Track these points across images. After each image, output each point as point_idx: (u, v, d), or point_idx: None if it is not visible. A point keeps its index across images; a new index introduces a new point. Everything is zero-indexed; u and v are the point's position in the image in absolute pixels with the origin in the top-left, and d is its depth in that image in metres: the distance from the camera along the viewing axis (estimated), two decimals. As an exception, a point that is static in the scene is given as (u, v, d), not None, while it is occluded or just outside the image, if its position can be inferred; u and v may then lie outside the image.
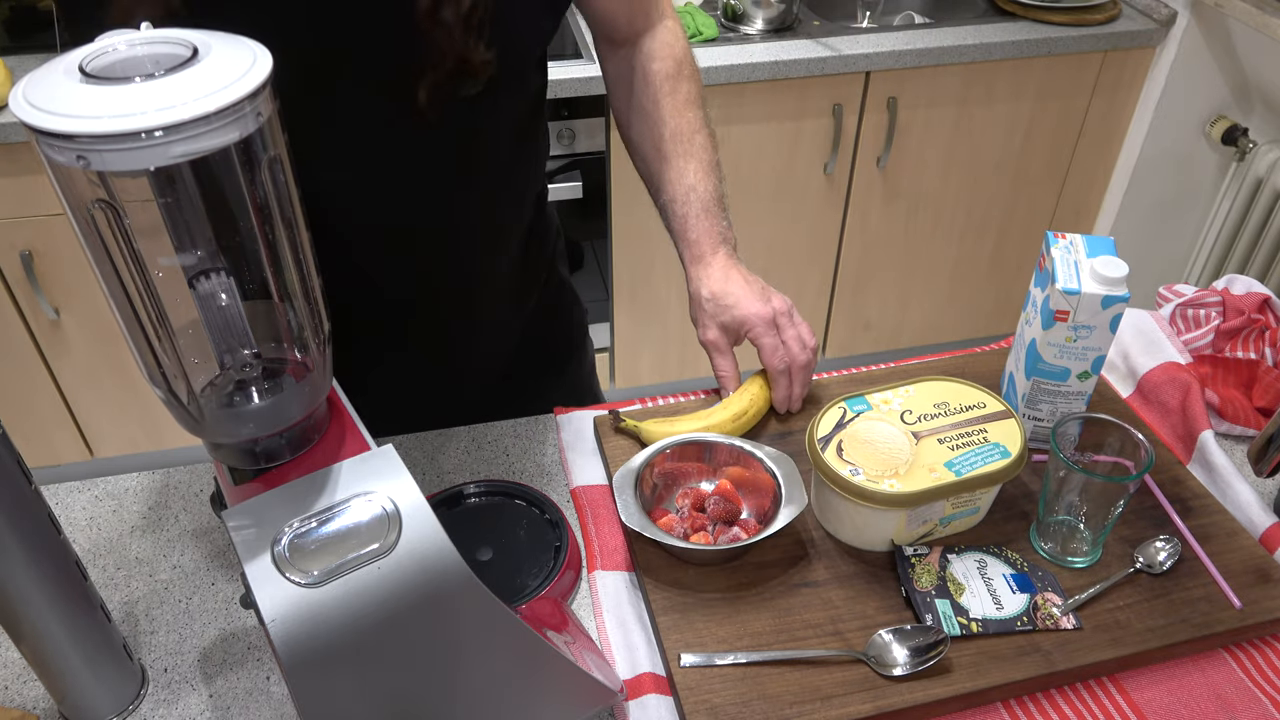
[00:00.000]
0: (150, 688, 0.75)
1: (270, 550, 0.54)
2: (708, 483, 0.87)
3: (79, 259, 1.90)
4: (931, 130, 2.17)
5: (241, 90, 0.46)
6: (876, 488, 0.78)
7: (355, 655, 0.55)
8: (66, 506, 0.90)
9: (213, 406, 0.57)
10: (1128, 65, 2.19)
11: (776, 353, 0.93)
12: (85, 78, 0.45)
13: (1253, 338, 1.04)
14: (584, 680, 0.67)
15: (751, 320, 0.93)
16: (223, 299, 0.56)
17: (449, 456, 0.96)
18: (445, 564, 0.56)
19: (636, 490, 0.82)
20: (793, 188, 2.18)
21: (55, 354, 2.04)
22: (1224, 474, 0.90)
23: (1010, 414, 0.84)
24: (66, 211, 0.49)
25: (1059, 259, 0.86)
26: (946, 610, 0.76)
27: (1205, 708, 0.74)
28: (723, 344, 0.95)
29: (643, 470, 0.84)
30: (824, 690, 0.72)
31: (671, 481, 0.87)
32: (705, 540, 0.81)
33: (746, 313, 0.93)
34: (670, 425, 0.91)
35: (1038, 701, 0.74)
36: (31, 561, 0.63)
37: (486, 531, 0.85)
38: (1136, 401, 1.03)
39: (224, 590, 0.82)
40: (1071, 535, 0.82)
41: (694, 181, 0.98)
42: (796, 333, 0.94)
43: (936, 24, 2.22)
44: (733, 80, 1.96)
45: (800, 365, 0.93)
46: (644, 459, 0.84)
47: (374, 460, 0.59)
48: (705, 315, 0.96)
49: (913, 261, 2.41)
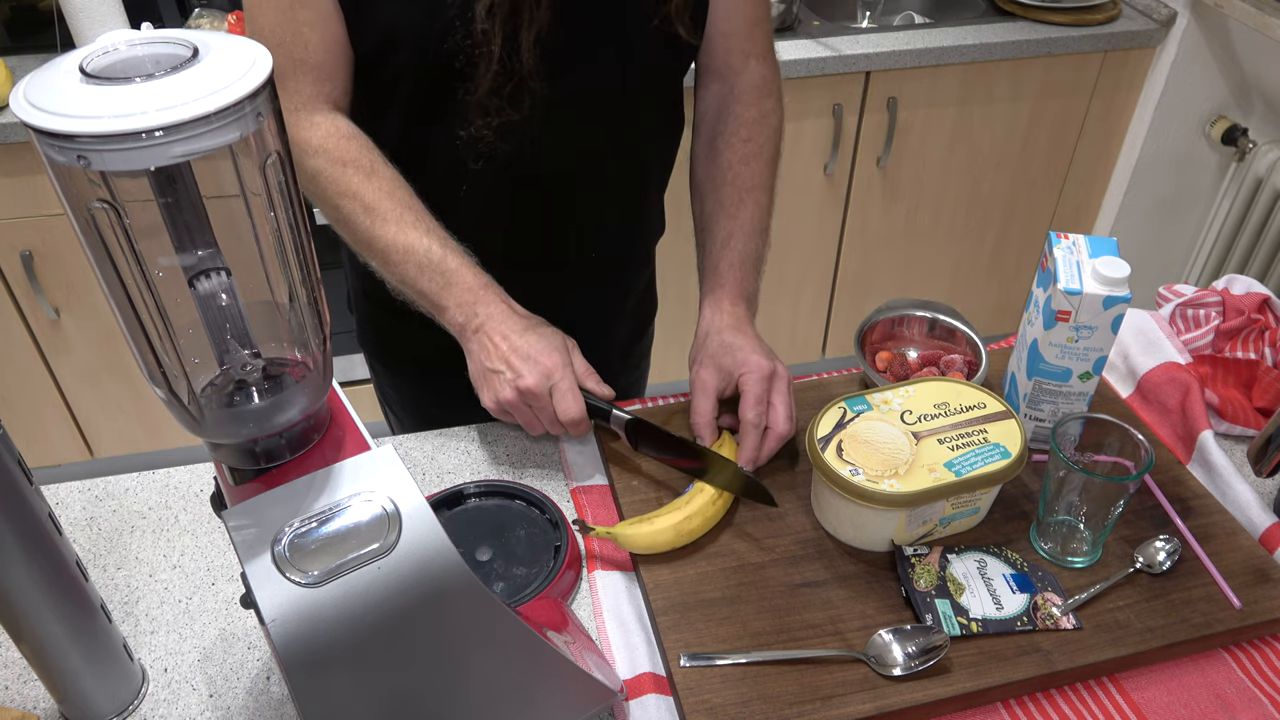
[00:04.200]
0: (150, 688, 0.75)
1: (270, 550, 0.54)
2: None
3: (79, 259, 1.90)
4: (931, 130, 2.17)
5: (241, 90, 0.46)
6: (876, 488, 0.78)
7: (355, 655, 0.55)
8: (66, 506, 0.90)
9: (213, 406, 0.57)
10: (1128, 65, 2.19)
11: (759, 404, 0.87)
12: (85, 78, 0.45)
13: (1252, 338, 1.04)
14: (584, 680, 0.67)
15: (751, 366, 0.89)
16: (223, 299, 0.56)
17: (449, 456, 0.96)
18: (445, 564, 0.56)
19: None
20: (793, 188, 2.18)
21: (55, 354, 2.04)
22: (1224, 474, 0.91)
23: (1010, 414, 0.84)
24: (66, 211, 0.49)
25: (1061, 259, 0.86)
26: (946, 610, 0.76)
27: (1205, 707, 0.74)
28: (711, 387, 0.91)
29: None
30: (824, 690, 0.72)
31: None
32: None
33: (749, 358, 0.90)
34: (650, 524, 0.82)
35: (1038, 701, 0.74)
36: (31, 561, 0.63)
37: (486, 531, 0.85)
38: (1136, 401, 1.03)
39: (224, 590, 0.82)
40: (1071, 535, 0.82)
41: (737, 234, 0.98)
42: (786, 401, 0.89)
43: (936, 24, 2.22)
44: (733, 80, 1.96)
45: (777, 433, 0.88)
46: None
47: (374, 460, 0.59)
48: (706, 354, 0.93)
49: (913, 262, 2.41)
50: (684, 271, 1.16)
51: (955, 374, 0.97)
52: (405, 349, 1.14)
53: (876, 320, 1.02)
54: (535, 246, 1.03)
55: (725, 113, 1.02)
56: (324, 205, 0.91)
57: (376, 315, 1.13)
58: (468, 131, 0.90)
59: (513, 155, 0.93)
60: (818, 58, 1.97)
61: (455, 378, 0.94)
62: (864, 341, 1.00)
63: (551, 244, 1.04)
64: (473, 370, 0.89)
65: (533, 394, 0.85)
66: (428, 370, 1.09)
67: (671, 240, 1.19)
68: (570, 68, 0.90)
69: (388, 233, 0.88)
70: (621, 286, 1.16)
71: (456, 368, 0.92)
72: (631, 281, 1.17)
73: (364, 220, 0.88)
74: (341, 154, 0.89)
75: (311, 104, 0.89)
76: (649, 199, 1.10)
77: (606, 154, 1.00)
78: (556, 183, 0.99)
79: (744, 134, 1.00)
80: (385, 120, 0.93)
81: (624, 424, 0.87)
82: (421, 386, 1.17)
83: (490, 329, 0.87)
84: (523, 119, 0.90)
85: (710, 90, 1.04)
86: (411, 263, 0.88)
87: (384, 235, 0.88)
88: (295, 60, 0.87)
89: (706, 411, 0.90)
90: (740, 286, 0.97)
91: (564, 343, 0.88)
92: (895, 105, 2.09)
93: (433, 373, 1.07)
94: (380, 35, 0.87)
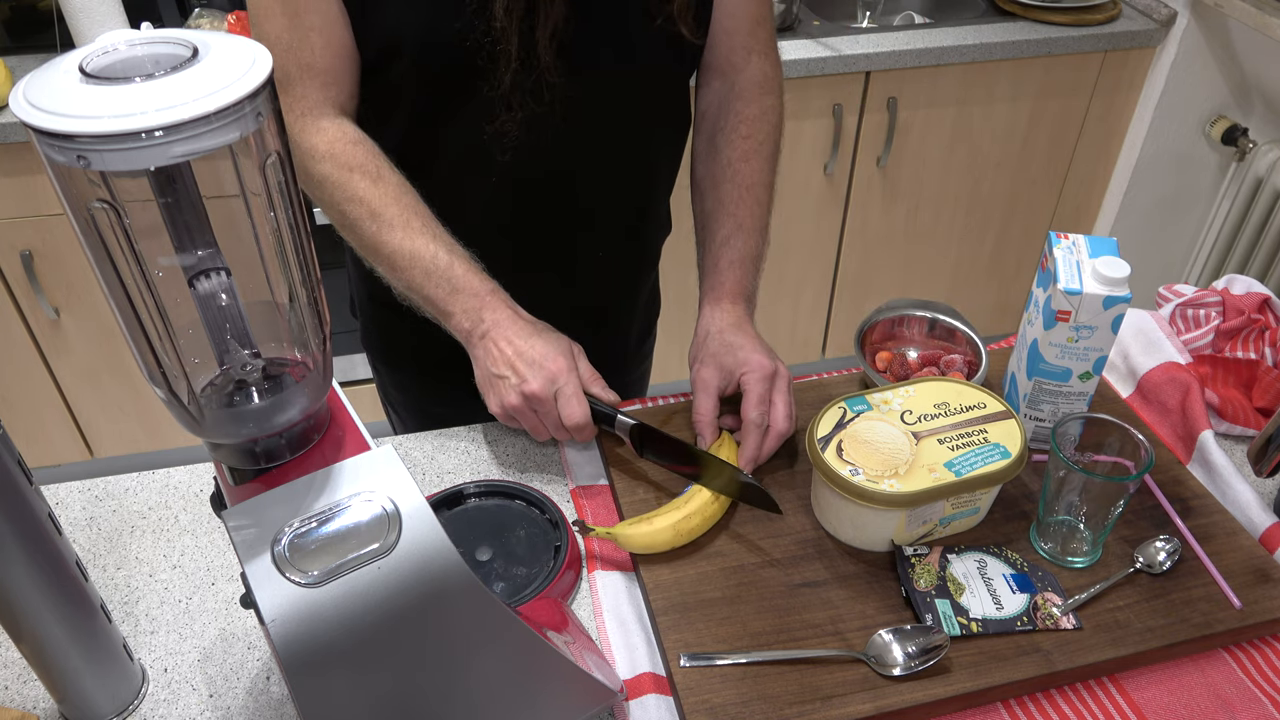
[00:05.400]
0: (150, 688, 0.75)
1: (270, 550, 0.54)
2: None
3: (79, 259, 1.90)
4: (931, 130, 2.17)
5: (241, 90, 0.46)
6: (876, 488, 0.78)
7: (355, 655, 0.55)
8: (66, 506, 0.90)
9: (213, 406, 0.57)
10: (1128, 65, 2.19)
11: (762, 404, 0.88)
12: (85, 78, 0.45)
13: (1252, 338, 1.04)
14: (584, 680, 0.67)
15: (754, 365, 0.89)
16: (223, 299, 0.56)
17: (449, 456, 0.96)
18: (445, 564, 0.56)
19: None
20: (793, 188, 2.18)
21: (55, 354, 2.04)
22: (1224, 474, 0.90)
23: (1010, 414, 0.84)
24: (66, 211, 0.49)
25: (1061, 259, 0.86)
26: (946, 610, 0.76)
27: (1205, 707, 0.74)
28: (713, 386, 0.90)
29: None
30: (824, 690, 0.72)
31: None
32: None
33: (751, 357, 0.90)
34: (649, 524, 0.81)
35: (1038, 701, 0.74)
36: (31, 561, 0.63)
37: (486, 531, 0.85)
38: (1136, 401, 1.03)
39: (224, 590, 0.82)
40: (1071, 535, 0.82)
41: (737, 232, 0.98)
42: (786, 400, 0.89)
43: (936, 24, 2.22)
44: (733, 80, 1.96)
45: (777, 431, 0.88)
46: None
47: (374, 460, 0.59)
48: (707, 353, 0.93)
49: (913, 262, 2.41)
50: (684, 271, 1.16)
51: (955, 374, 0.97)
52: (408, 349, 1.14)
53: (876, 320, 1.02)
54: (543, 248, 1.03)
55: (726, 109, 1.02)
56: (330, 210, 0.91)
57: (380, 316, 1.13)
58: (494, 127, 0.90)
59: (538, 149, 0.93)
60: (818, 58, 1.97)
61: (459, 378, 0.94)
62: (864, 341, 1.00)
63: (560, 245, 1.04)
64: (479, 376, 0.89)
65: (538, 399, 0.85)
66: (431, 371, 1.09)
67: (671, 239, 1.20)
68: (583, 62, 0.90)
69: (394, 238, 0.88)
70: (629, 287, 1.16)
71: (460, 368, 0.92)
72: (639, 282, 1.17)
73: (370, 226, 0.88)
74: (348, 159, 0.88)
75: (318, 109, 0.89)
76: (657, 198, 1.10)
77: (616, 152, 1.00)
78: (565, 184, 0.99)
79: (744, 131, 1.00)
80: (391, 123, 0.93)
81: (629, 429, 0.87)
82: (424, 387, 1.17)
83: (496, 334, 0.87)
84: (545, 111, 0.90)
85: (711, 87, 1.04)
86: (418, 269, 0.88)
87: (390, 241, 0.88)
88: (302, 65, 0.87)
89: (708, 410, 0.90)
90: (740, 285, 0.97)
91: (569, 348, 0.88)
92: (895, 105, 2.09)
93: (436, 373, 1.07)
94: (387, 38, 0.87)
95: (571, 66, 0.89)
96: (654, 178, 1.07)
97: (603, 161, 0.99)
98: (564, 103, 0.90)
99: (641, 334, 1.25)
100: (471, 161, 0.94)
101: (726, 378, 0.91)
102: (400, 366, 1.17)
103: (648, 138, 1.02)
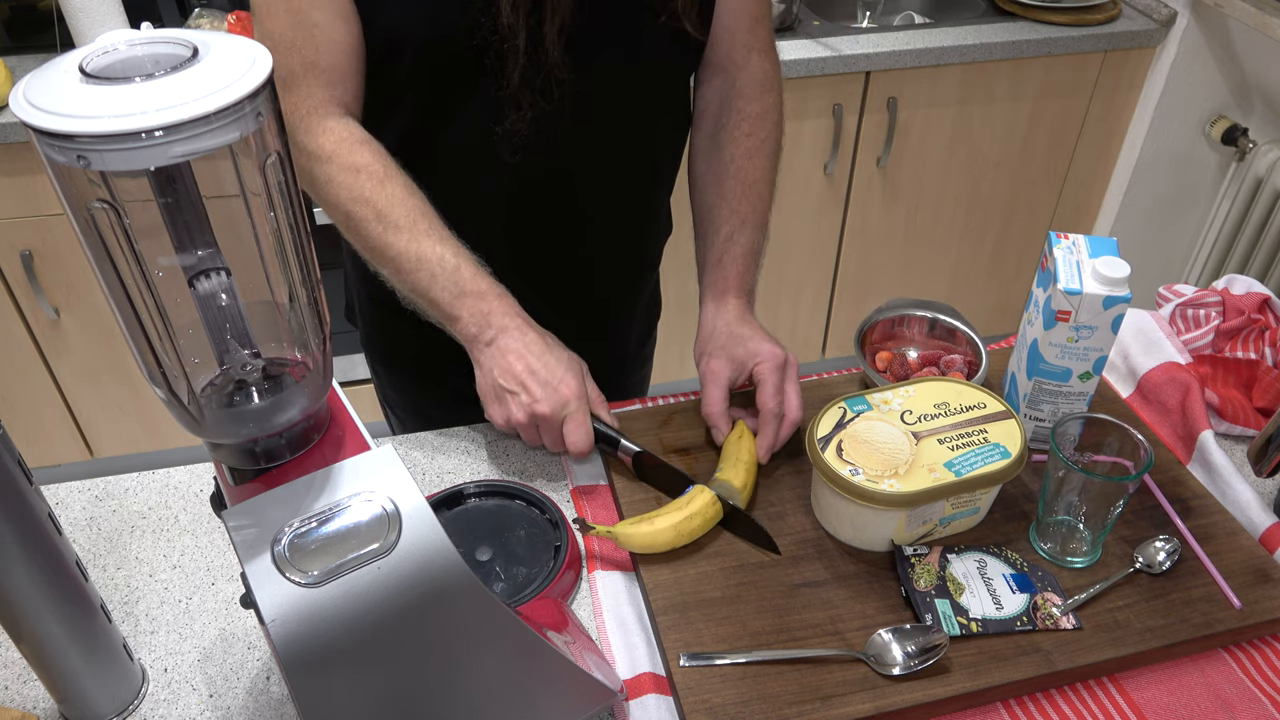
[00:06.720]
0: (150, 688, 0.75)
1: (270, 550, 0.54)
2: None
3: (79, 259, 1.90)
4: (931, 130, 2.17)
5: (241, 90, 0.46)
6: (876, 488, 0.78)
7: (355, 655, 0.55)
8: (66, 506, 0.90)
9: (213, 406, 0.57)
10: (1128, 65, 2.19)
11: (778, 394, 0.89)
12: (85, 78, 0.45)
13: (1252, 338, 1.04)
14: (584, 680, 0.67)
15: (765, 354, 0.90)
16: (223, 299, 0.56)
17: (449, 456, 0.96)
18: (445, 564, 0.56)
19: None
20: (793, 188, 2.18)
21: (55, 354, 2.04)
22: (1224, 474, 0.90)
23: (1010, 414, 0.84)
24: (66, 211, 0.49)
25: (1061, 259, 0.86)
26: (946, 610, 0.76)
27: (1205, 707, 0.74)
28: (723, 377, 0.91)
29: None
30: (824, 690, 0.72)
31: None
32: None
33: (762, 347, 0.91)
34: (650, 524, 0.81)
35: (1038, 701, 0.74)
36: (31, 561, 0.63)
37: (486, 531, 0.85)
38: (1136, 401, 1.03)
39: (224, 590, 0.82)
40: (1071, 535, 0.82)
41: (741, 228, 0.99)
42: (797, 388, 0.91)
43: (936, 24, 2.22)
44: (733, 80, 1.96)
45: (792, 419, 0.90)
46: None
47: (374, 460, 0.59)
48: (716, 345, 0.93)
49: (913, 261, 2.41)
50: (684, 270, 1.16)
51: (955, 374, 0.97)
52: (408, 352, 1.14)
53: (876, 320, 1.02)
54: (544, 249, 1.03)
55: (727, 107, 1.02)
56: (335, 211, 0.90)
57: (379, 317, 1.12)
58: (504, 127, 0.90)
59: (547, 148, 0.93)
60: (818, 58, 1.97)
61: (459, 383, 0.94)
62: (864, 341, 1.00)
63: (560, 246, 1.04)
64: (482, 384, 0.88)
65: (546, 420, 0.85)
66: (430, 374, 1.09)
67: (671, 240, 1.20)
68: (590, 58, 0.90)
69: (400, 240, 0.87)
70: (631, 288, 1.16)
71: (460, 373, 0.92)
72: (641, 282, 1.17)
73: (376, 228, 0.88)
74: (354, 160, 0.88)
75: (324, 108, 0.88)
76: (659, 197, 1.10)
77: (622, 150, 1.00)
78: (568, 183, 0.99)
79: (746, 128, 1.00)
80: (390, 122, 0.93)
81: (632, 455, 0.88)
82: (424, 390, 1.17)
83: (505, 344, 0.86)
84: (554, 110, 0.90)
85: (712, 84, 1.04)
86: (424, 271, 0.87)
87: (396, 243, 0.87)
88: (307, 63, 0.86)
89: (719, 401, 0.91)
90: (743, 280, 0.98)
91: (580, 368, 0.88)
92: (895, 105, 2.09)
93: (436, 377, 1.07)
94: (390, 36, 0.87)
95: (579, 63, 0.89)
96: (657, 176, 1.07)
97: (608, 160, 0.99)
98: (573, 100, 0.90)
99: (641, 337, 1.25)
100: (472, 162, 0.94)
101: (738, 369, 0.92)
102: (400, 369, 1.17)
103: (652, 135, 1.02)
